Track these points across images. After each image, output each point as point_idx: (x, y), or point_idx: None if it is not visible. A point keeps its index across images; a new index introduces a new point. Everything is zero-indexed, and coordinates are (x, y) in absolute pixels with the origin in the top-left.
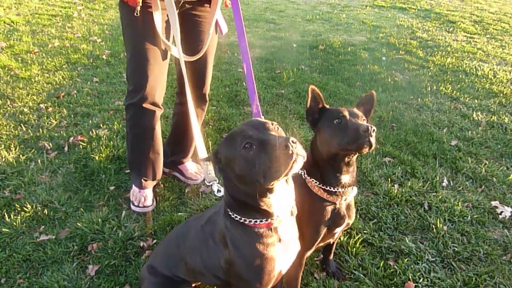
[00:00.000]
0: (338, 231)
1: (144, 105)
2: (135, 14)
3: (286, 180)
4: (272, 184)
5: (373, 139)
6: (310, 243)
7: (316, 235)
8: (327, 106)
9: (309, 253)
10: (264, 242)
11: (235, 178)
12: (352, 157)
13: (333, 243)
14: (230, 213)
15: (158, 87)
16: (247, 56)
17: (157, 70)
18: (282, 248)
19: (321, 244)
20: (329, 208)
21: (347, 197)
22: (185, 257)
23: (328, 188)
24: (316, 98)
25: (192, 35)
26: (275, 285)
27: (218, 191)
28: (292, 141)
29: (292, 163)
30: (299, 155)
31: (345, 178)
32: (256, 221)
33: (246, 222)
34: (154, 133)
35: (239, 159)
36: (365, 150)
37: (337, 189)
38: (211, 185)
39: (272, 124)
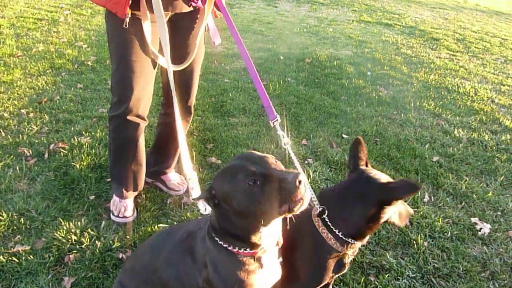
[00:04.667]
0: (337, 275)
1: (128, 117)
2: (124, 26)
3: None
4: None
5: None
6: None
7: (315, 284)
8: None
9: None
10: (246, 269)
11: (233, 213)
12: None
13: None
14: (214, 236)
15: (143, 99)
16: (247, 57)
17: (143, 82)
18: (263, 276)
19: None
20: (339, 260)
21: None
22: (158, 270)
23: (341, 236)
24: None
25: (179, 46)
26: None
27: (205, 209)
28: (302, 178)
29: (300, 200)
30: (307, 191)
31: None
32: (240, 249)
33: (229, 248)
34: (137, 145)
35: (241, 196)
36: None
37: (350, 240)
38: (197, 204)
39: (272, 158)
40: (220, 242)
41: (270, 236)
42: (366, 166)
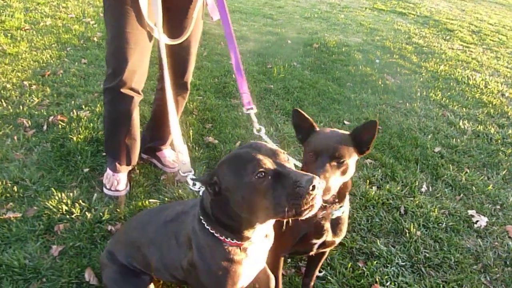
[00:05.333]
0: (318, 243)
1: (122, 90)
2: None
3: None
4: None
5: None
6: (286, 244)
7: (291, 238)
8: (317, 128)
9: (285, 255)
10: (231, 258)
11: (234, 204)
12: None
13: (316, 265)
14: (203, 221)
15: (137, 72)
16: (234, 45)
17: (138, 54)
18: (248, 266)
19: (300, 250)
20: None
21: (330, 212)
22: (143, 247)
23: None
24: (305, 118)
25: (176, 20)
26: None
27: (194, 184)
28: (319, 182)
29: (310, 206)
30: (318, 197)
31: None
32: (227, 239)
33: (216, 235)
34: (131, 119)
35: (248, 189)
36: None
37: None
38: (186, 176)
39: (284, 153)
40: (208, 227)
41: (261, 231)
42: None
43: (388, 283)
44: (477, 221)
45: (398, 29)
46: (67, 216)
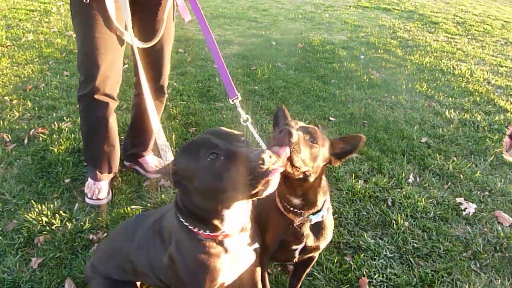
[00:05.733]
0: (298, 248)
1: (96, 96)
2: (84, 1)
3: None
4: (234, 199)
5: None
6: (266, 251)
7: (270, 245)
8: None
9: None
10: (207, 252)
11: (194, 192)
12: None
13: (304, 270)
14: (178, 215)
15: (110, 77)
16: (210, 37)
17: (109, 59)
18: (229, 261)
19: (281, 257)
20: (286, 223)
21: (307, 217)
22: (131, 254)
23: (285, 205)
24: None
25: (146, 23)
26: None
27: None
28: (269, 155)
29: (266, 181)
30: (276, 171)
31: (295, 200)
32: (200, 231)
33: (190, 228)
34: (108, 125)
35: (202, 172)
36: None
37: (293, 208)
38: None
39: (240, 135)
40: (182, 220)
41: (233, 221)
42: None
43: (376, 275)
44: (466, 208)
45: (382, 24)
46: (47, 228)
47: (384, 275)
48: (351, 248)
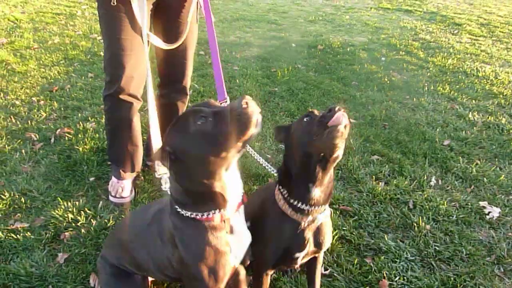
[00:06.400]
0: (301, 256)
1: (120, 96)
2: (112, 3)
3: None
4: (231, 152)
5: (342, 127)
6: (267, 263)
7: (272, 255)
8: None
9: (270, 273)
10: (217, 235)
11: (192, 162)
12: (327, 164)
13: (313, 275)
14: (179, 210)
15: (135, 77)
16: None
17: (134, 60)
18: (235, 240)
19: (283, 264)
20: (290, 228)
21: (315, 218)
22: (132, 251)
23: (294, 203)
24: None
25: (171, 25)
26: None
27: (166, 182)
28: (248, 100)
29: (252, 120)
30: (257, 112)
31: (317, 191)
32: (208, 214)
33: (197, 217)
34: (132, 125)
35: (196, 138)
36: (337, 144)
37: (304, 206)
38: (161, 178)
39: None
40: (183, 212)
41: (233, 189)
42: None
43: (397, 278)
44: (489, 212)
45: (404, 26)
46: (73, 224)
47: (405, 277)
48: (371, 250)
